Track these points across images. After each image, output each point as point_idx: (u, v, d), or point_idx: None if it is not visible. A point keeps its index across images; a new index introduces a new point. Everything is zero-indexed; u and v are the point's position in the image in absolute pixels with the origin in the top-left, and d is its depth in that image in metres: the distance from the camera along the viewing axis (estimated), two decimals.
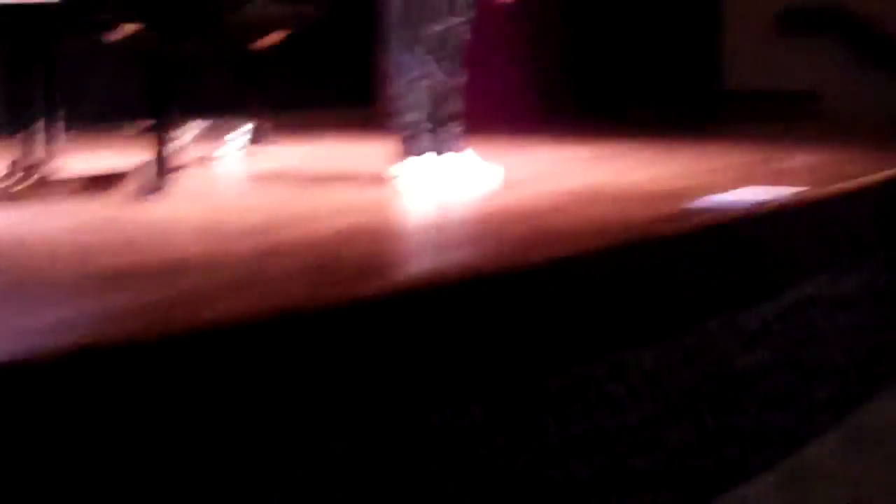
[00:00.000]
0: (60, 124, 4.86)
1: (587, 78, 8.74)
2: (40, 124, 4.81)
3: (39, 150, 4.78)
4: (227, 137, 5.83)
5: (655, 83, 8.84)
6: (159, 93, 4.61)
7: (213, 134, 5.91)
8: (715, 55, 9.17)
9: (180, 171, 4.65)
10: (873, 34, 8.94)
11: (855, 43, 8.99)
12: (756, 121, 8.29)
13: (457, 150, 4.80)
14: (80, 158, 5.15)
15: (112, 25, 4.52)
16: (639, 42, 8.84)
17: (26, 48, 4.72)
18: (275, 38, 5.67)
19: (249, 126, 5.87)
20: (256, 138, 5.88)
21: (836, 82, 8.86)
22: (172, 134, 4.63)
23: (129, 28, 4.53)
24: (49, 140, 4.82)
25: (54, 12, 4.49)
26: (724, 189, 4.56)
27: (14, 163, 4.72)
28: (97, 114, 6.54)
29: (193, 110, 5.42)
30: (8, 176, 4.70)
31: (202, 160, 5.48)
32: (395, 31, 4.75)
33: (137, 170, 4.55)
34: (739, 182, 4.77)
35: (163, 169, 4.53)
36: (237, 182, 5.38)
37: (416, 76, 4.70)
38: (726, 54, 9.19)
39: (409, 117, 4.73)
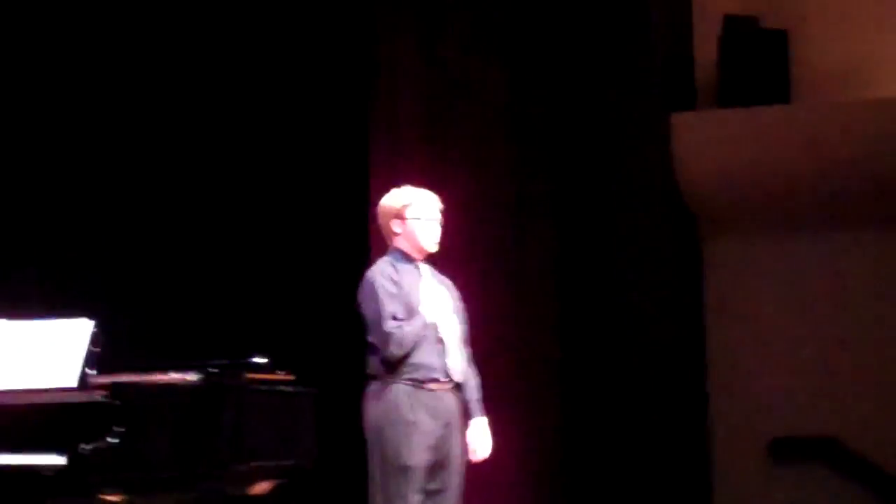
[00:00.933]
0: None
1: (578, 498, 8.79)
2: None
3: None
4: None
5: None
6: None
7: None
8: (706, 482, 9.24)
9: None
10: (866, 465, 9.04)
11: (847, 473, 9.08)
12: None
13: None
14: None
15: (97, 493, 4.63)
16: (630, 463, 8.92)
17: None
18: (263, 487, 5.75)
19: None
20: None
21: None
22: None
23: (114, 497, 4.64)
24: None
25: (44, 478, 4.61)
26: None
27: None
28: None
29: None
30: None
31: None
32: None
33: None
34: None
35: None
36: None
37: None
38: (716, 479, 9.26)
39: None
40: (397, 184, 8.15)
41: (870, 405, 9.14)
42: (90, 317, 5.17)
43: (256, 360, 5.60)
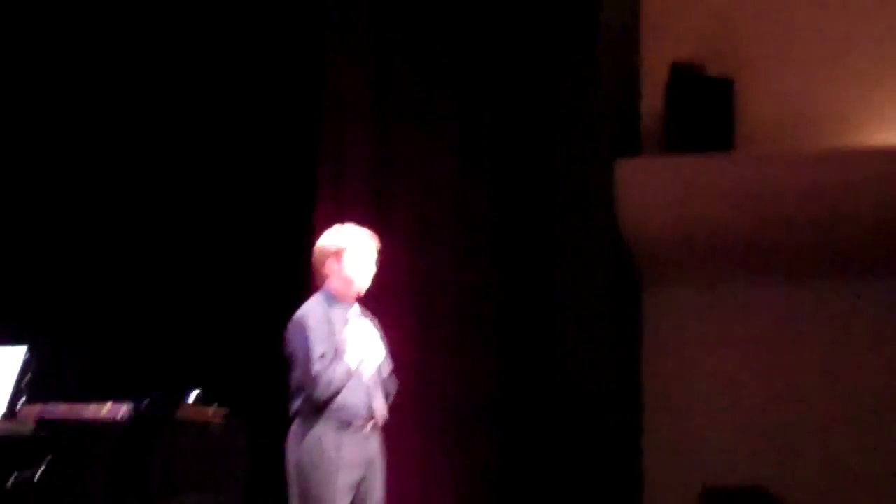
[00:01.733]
0: None
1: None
2: None
3: None
4: None
5: None
6: None
7: None
8: None
9: None
10: None
11: None
12: None
13: None
14: None
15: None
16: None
17: None
18: None
19: None
20: None
21: None
22: None
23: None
24: None
25: None
26: None
27: None
28: None
29: None
30: None
31: None
32: None
33: None
34: None
35: None
36: None
37: None
38: None
39: None
40: (341, 220, 8.22)
41: (804, 455, 9.20)
42: (23, 342, 5.13)
43: (190, 392, 5.57)
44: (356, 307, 5.59)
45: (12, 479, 4.47)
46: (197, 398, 5.53)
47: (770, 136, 9.24)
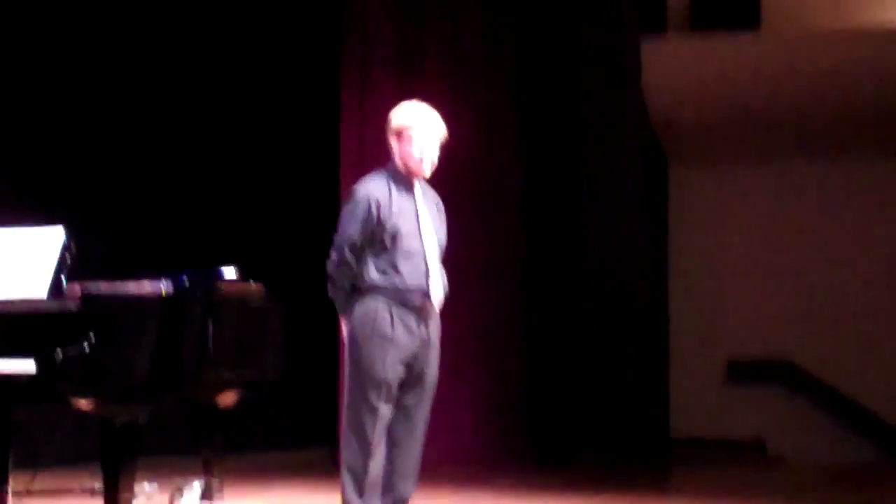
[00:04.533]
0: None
1: (542, 419, 8.91)
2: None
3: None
4: (178, 496, 5.95)
5: (607, 428, 9.00)
6: (111, 459, 4.79)
7: (166, 491, 6.03)
8: (665, 403, 9.40)
9: None
10: (821, 387, 9.22)
11: (803, 394, 9.26)
12: (704, 469, 8.49)
13: None
14: None
15: (68, 398, 4.70)
16: (591, 382, 9.05)
17: None
18: (230, 397, 5.82)
19: (199, 485, 5.98)
20: (207, 495, 5.98)
21: (783, 430, 9.11)
22: (125, 496, 4.77)
23: (84, 403, 4.71)
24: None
25: (15, 385, 4.68)
26: None
27: None
28: (56, 458, 6.66)
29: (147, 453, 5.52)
30: None
31: None
32: None
33: None
34: None
35: None
36: None
37: None
38: (675, 401, 9.43)
39: None
40: (367, 98, 8.23)
41: (826, 329, 9.32)
42: (62, 224, 5.19)
43: (227, 269, 5.62)
44: (419, 187, 5.44)
45: (61, 354, 4.56)
46: (236, 275, 5.59)
47: (796, 14, 9.22)
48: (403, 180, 5.38)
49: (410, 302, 5.29)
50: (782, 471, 8.58)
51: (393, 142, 5.37)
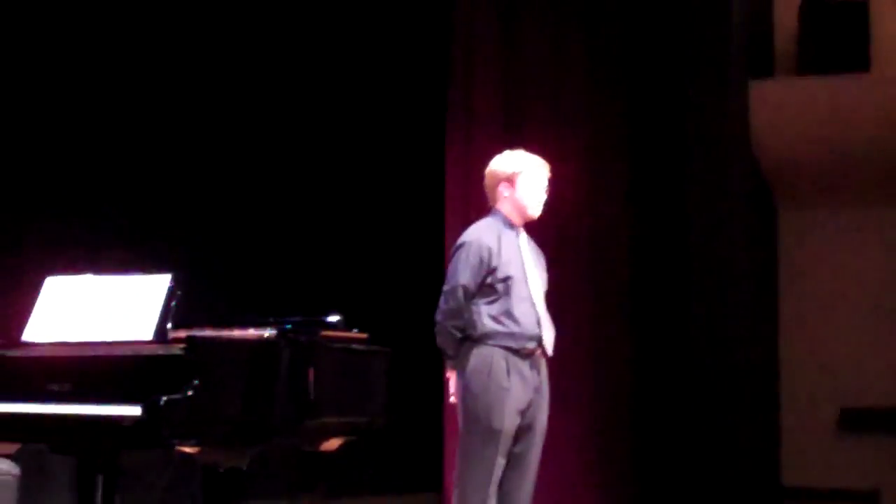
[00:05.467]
0: None
1: (649, 469, 8.82)
2: None
3: None
4: None
5: (717, 477, 8.87)
6: (214, 500, 4.81)
7: None
8: (775, 452, 9.26)
9: None
10: None
11: None
12: None
13: None
14: None
15: (174, 444, 4.71)
16: (700, 431, 8.94)
17: (92, 459, 4.95)
18: (334, 444, 5.81)
19: None
20: None
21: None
22: None
23: (187, 448, 4.72)
24: None
25: (121, 428, 4.70)
26: None
27: None
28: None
29: (252, 497, 5.53)
30: None
31: None
32: None
33: None
34: None
35: None
36: None
37: None
38: (786, 450, 9.28)
39: None
40: (473, 147, 8.25)
41: None
42: (168, 270, 5.25)
43: (331, 318, 5.65)
44: (524, 234, 5.52)
45: (164, 399, 4.58)
46: (339, 322, 5.61)
47: None
48: (510, 227, 5.41)
49: (525, 349, 5.28)
50: None
51: (503, 188, 5.41)
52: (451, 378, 5.56)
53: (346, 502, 6.61)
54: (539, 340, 5.35)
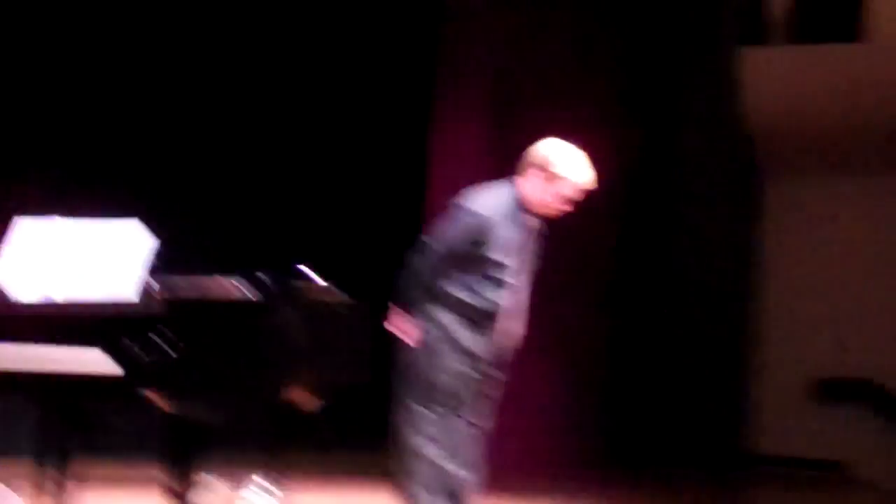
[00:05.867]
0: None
1: (618, 427, 8.86)
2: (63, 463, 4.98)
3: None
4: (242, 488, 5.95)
5: (684, 440, 8.94)
6: (179, 449, 4.81)
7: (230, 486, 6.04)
8: (740, 417, 9.31)
9: None
10: None
11: (887, 413, 9.11)
12: (786, 490, 8.39)
13: None
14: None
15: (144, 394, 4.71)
16: (669, 394, 8.99)
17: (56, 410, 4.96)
18: (317, 400, 5.75)
19: (263, 483, 5.97)
20: (270, 487, 5.96)
21: (869, 453, 8.96)
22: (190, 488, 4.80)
23: (160, 400, 4.72)
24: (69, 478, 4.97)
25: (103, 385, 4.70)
26: None
27: None
28: (118, 446, 6.70)
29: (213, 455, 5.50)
30: None
31: None
32: None
33: None
34: None
35: None
36: None
37: None
38: (758, 418, 9.32)
39: None
40: (464, 105, 8.16)
41: None
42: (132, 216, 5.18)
43: (305, 270, 5.59)
44: (537, 222, 5.35)
45: (147, 358, 4.57)
46: (311, 275, 5.56)
47: None
48: (522, 209, 5.26)
49: (487, 325, 5.24)
50: (867, 493, 8.43)
51: (536, 173, 5.20)
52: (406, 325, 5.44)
53: (329, 458, 6.57)
54: (505, 331, 5.29)
